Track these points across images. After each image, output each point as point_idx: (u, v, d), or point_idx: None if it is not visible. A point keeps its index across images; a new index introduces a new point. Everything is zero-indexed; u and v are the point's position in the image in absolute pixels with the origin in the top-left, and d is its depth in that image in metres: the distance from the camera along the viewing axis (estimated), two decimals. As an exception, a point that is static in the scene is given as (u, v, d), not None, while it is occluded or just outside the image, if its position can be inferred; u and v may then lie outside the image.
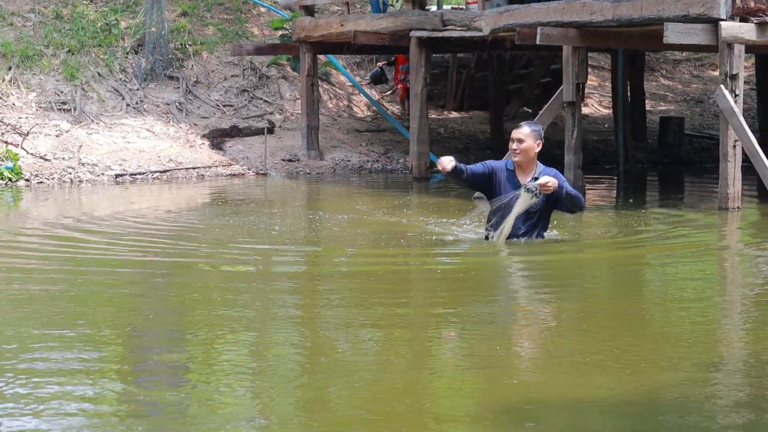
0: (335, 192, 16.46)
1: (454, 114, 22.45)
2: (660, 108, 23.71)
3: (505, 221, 9.72)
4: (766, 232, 11.98)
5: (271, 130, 19.69)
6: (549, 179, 9.44)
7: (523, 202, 9.57)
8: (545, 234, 9.96)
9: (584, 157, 15.28)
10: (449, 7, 22.84)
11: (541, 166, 9.78)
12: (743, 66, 13.10)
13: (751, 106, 21.67)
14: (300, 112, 19.67)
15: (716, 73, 23.77)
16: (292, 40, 19.61)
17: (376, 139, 20.42)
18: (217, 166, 18.30)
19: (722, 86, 12.88)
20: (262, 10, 23.23)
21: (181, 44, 21.14)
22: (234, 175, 18.10)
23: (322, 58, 20.72)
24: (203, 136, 19.27)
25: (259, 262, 9.83)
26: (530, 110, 22.03)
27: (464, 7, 18.91)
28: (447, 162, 9.44)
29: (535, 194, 9.48)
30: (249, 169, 18.37)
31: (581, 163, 14.68)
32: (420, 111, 17.58)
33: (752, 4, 12.90)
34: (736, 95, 12.88)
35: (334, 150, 19.65)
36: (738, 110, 12.78)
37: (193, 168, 18.05)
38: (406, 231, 11.58)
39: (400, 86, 21.94)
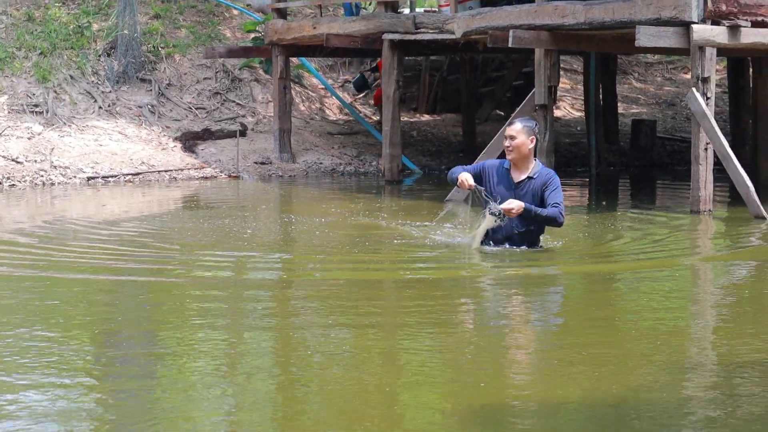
0: (308, 195, 16.43)
1: (427, 117, 22.46)
2: (632, 111, 23.78)
3: (476, 233, 9.73)
4: (736, 236, 12.02)
5: (243, 133, 19.65)
6: (513, 204, 9.30)
7: (487, 223, 9.54)
8: (541, 237, 9.92)
9: (556, 159, 15.32)
10: (422, 9, 22.83)
11: (539, 166, 9.65)
12: (715, 69, 13.16)
13: (723, 109, 21.78)
14: (272, 114, 19.65)
15: (688, 76, 23.87)
16: (265, 42, 19.59)
17: (348, 141, 20.41)
18: (189, 169, 18.26)
19: (694, 89, 12.94)
20: (235, 12, 23.18)
21: (153, 47, 21.07)
22: (206, 177, 18.06)
23: (294, 60, 20.70)
24: (175, 138, 19.22)
25: (232, 269, 9.76)
26: (502, 113, 22.05)
27: (437, 10, 18.90)
28: (465, 180, 9.41)
29: (499, 218, 9.41)
30: (221, 172, 18.34)
31: (554, 166, 14.69)
32: (392, 114, 17.57)
33: (724, 8, 12.96)
34: (707, 98, 12.93)
35: (307, 153, 19.63)
36: (710, 113, 12.82)
37: (165, 171, 18.00)
38: (382, 235, 11.54)
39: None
